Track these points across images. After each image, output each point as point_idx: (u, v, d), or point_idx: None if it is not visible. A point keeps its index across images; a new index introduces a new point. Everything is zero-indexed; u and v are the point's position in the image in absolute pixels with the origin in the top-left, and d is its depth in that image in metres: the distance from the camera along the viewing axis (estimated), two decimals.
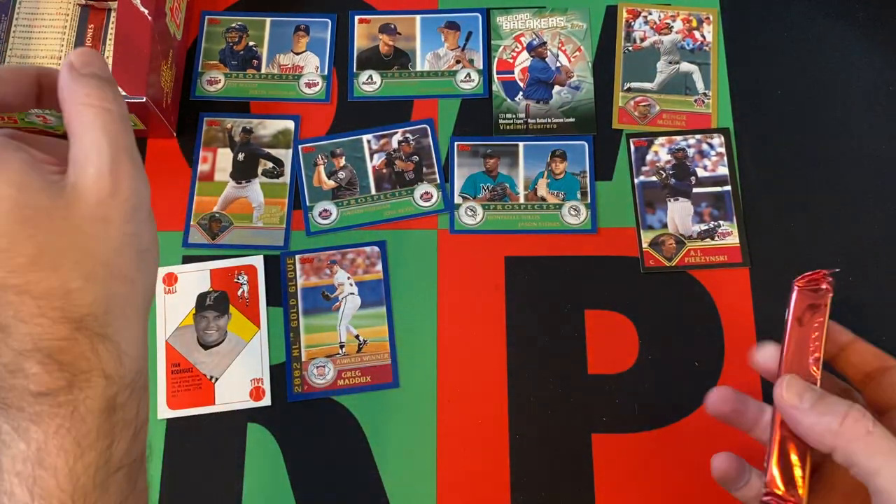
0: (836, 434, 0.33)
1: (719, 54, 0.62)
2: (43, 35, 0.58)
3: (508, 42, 0.63)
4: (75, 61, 0.33)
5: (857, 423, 0.32)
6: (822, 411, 0.33)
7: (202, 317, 0.55)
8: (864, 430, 0.32)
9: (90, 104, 0.32)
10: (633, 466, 0.52)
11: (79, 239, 0.30)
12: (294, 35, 0.63)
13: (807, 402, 0.34)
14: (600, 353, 0.55)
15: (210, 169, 0.59)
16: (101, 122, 0.32)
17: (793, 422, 0.34)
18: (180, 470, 0.52)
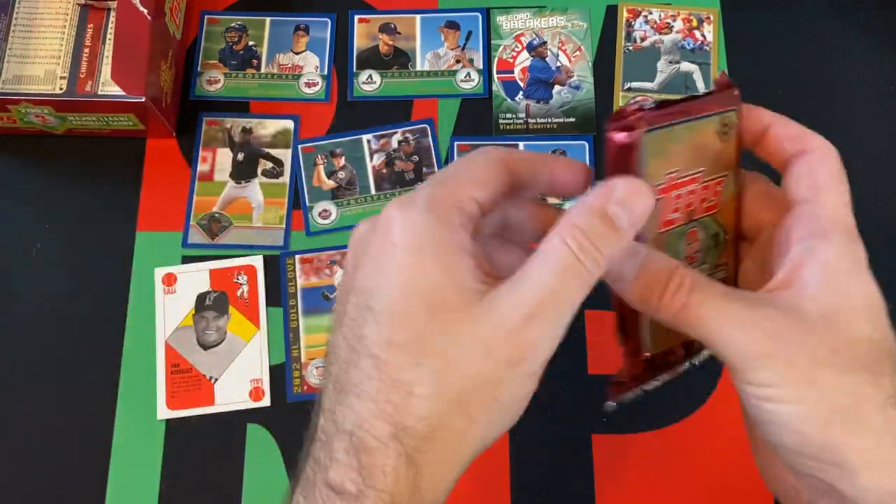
0: (656, 311, 0.30)
1: (720, 54, 0.62)
2: (42, 34, 0.58)
3: (508, 42, 0.63)
4: (619, 209, 0.29)
5: (675, 297, 0.30)
6: (639, 290, 0.30)
7: (201, 317, 0.55)
8: (680, 304, 0.30)
9: (569, 245, 0.28)
10: (634, 467, 0.52)
11: (457, 354, 0.28)
12: (294, 35, 0.63)
13: (628, 276, 0.31)
14: (600, 353, 0.54)
15: (209, 169, 0.59)
16: (561, 267, 0.28)
17: (620, 293, 0.32)
18: (180, 471, 0.52)
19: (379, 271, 0.29)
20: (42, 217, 0.58)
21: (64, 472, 0.52)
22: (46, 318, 0.55)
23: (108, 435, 0.53)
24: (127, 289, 0.56)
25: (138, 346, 0.55)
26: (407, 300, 0.28)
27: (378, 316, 0.28)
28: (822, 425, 0.29)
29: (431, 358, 0.28)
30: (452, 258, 0.28)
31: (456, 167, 0.31)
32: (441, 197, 0.30)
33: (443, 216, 0.29)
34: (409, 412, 0.27)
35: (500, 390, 0.28)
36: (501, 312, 0.28)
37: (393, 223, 0.29)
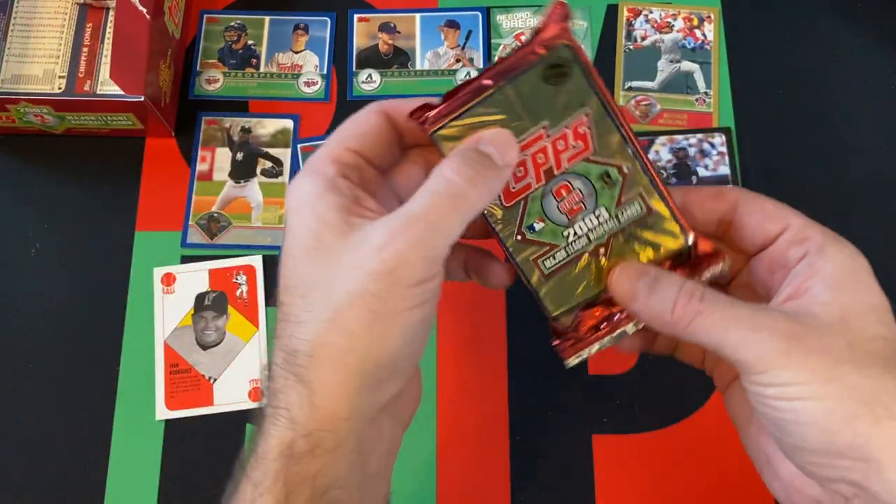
0: (671, 325, 0.32)
1: (720, 53, 0.62)
2: (41, 34, 0.58)
3: (509, 41, 0.62)
4: (491, 147, 0.33)
5: (687, 307, 0.31)
6: (652, 303, 0.32)
7: (200, 317, 0.55)
8: (694, 312, 0.31)
9: (447, 176, 0.32)
10: (634, 468, 0.52)
11: (326, 278, 0.31)
12: (293, 34, 0.63)
13: (641, 296, 0.33)
14: (601, 353, 0.54)
15: (209, 168, 0.59)
16: (431, 190, 0.31)
17: (633, 313, 0.34)
18: (179, 471, 0.52)
19: (286, 231, 0.33)
20: (41, 217, 0.58)
21: (63, 473, 0.52)
22: (45, 317, 0.55)
23: (107, 435, 0.53)
24: (126, 288, 0.56)
25: (137, 346, 0.55)
26: (292, 250, 0.32)
27: (280, 271, 0.33)
28: (849, 419, 0.29)
29: (313, 289, 0.31)
30: (323, 204, 0.32)
31: (340, 126, 0.35)
32: (317, 157, 0.34)
33: (316, 172, 0.33)
34: (296, 338, 0.31)
35: (374, 303, 0.30)
36: (372, 234, 0.31)
37: (286, 192, 0.34)
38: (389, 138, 0.36)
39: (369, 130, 0.35)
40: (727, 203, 0.35)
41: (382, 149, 0.35)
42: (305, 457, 0.30)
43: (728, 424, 0.52)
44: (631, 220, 0.34)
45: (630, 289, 0.33)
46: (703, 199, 0.35)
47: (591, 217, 0.34)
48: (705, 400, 0.53)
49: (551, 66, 0.32)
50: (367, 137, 0.35)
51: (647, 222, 0.35)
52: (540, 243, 0.35)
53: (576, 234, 0.35)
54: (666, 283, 0.32)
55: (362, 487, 0.32)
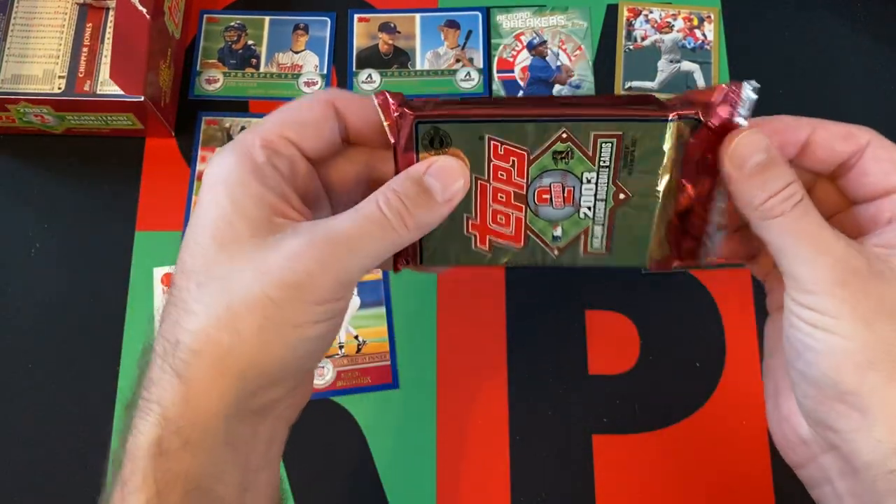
0: (754, 209, 0.31)
1: (720, 53, 0.62)
2: (41, 34, 0.58)
3: (508, 41, 0.62)
4: (435, 181, 0.33)
5: (781, 204, 0.30)
6: (753, 181, 0.31)
7: None
8: (781, 210, 0.30)
9: (381, 206, 0.31)
10: (634, 468, 0.52)
11: (231, 270, 0.29)
12: (293, 34, 0.63)
13: (748, 167, 0.31)
14: (601, 353, 0.54)
15: None
16: (363, 215, 0.31)
17: (727, 180, 0.32)
18: None
19: (194, 206, 0.31)
20: (41, 216, 0.58)
21: (63, 473, 0.52)
22: (45, 317, 0.55)
23: (107, 435, 0.53)
24: (126, 288, 0.56)
25: (137, 346, 0.54)
26: (199, 230, 0.30)
27: (182, 245, 0.31)
28: (862, 366, 0.29)
29: (212, 280, 0.29)
30: (244, 191, 0.30)
31: (281, 108, 0.33)
32: (249, 137, 0.31)
33: (244, 154, 0.31)
34: (183, 328, 0.29)
35: (271, 311, 0.29)
36: (288, 241, 0.29)
37: (208, 163, 0.31)
38: (332, 131, 0.33)
39: (312, 120, 0.33)
40: (856, 145, 0.33)
41: (321, 142, 0.33)
42: (176, 453, 0.29)
43: (728, 424, 0.53)
44: (614, 155, 0.34)
45: (745, 157, 0.31)
46: (831, 140, 0.33)
47: (585, 186, 0.34)
48: (705, 400, 0.53)
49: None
50: (308, 128, 0.33)
51: (629, 146, 0.33)
52: (574, 240, 0.35)
53: (589, 208, 0.34)
54: (777, 172, 0.31)
55: (244, 483, 0.31)
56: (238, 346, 0.29)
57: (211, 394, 0.29)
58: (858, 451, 0.29)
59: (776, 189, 0.31)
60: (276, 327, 0.29)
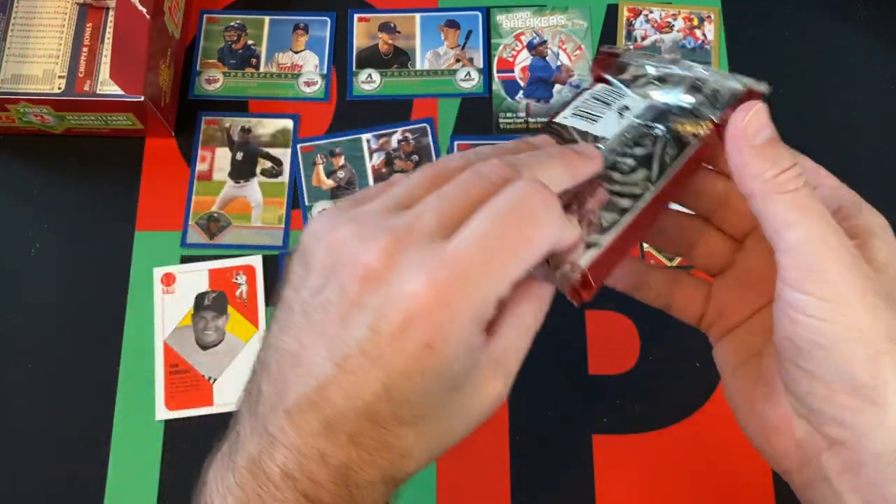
0: (765, 181, 0.30)
1: (720, 53, 0.62)
2: (41, 34, 0.58)
3: (509, 41, 0.62)
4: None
5: (791, 180, 0.30)
6: (765, 155, 0.31)
7: (200, 317, 0.55)
8: (794, 186, 0.30)
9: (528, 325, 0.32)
10: (635, 468, 0.52)
11: (451, 424, 0.30)
12: (293, 33, 0.63)
13: (759, 139, 0.31)
14: (601, 353, 0.54)
15: (208, 168, 0.59)
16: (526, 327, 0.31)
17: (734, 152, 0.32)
18: (178, 472, 0.52)
19: (406, 364, 0.27)
20: (41, 216, 0.58)
21: (63, 473, 0.52)
22: (45, 317, 0.55)
23: (106, 435, 0.53)
24: (125, 288, 0.56)
25: (137, 346, 0.54)
26: (426, 396, 0.28)
27: (392, 399, 0.27)
28: (873, 355, 0.29)
29: (431, 433, 0.29)
30: (471, 360, 0.28)
31: (519, 235, 0.28)
32: (490, 295, 0.28)
33: (481, 321, 0.28)
34: (402, 470, 0.30)
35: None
36: (489, 387, 0.30)
37: (433, 327, 0.26)
38: None
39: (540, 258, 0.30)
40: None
41: None
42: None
43: (728, 424, 0.52)
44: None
45: (759, 127, 0.31)
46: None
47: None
48: (705, 400, 0.53)
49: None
50: (530, 267, 0.30)
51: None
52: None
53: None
54: (785, 150, 0.31)
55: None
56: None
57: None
58: (870, 441, 0.29)
59: (787, 165, 0.31)
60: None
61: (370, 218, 0.28)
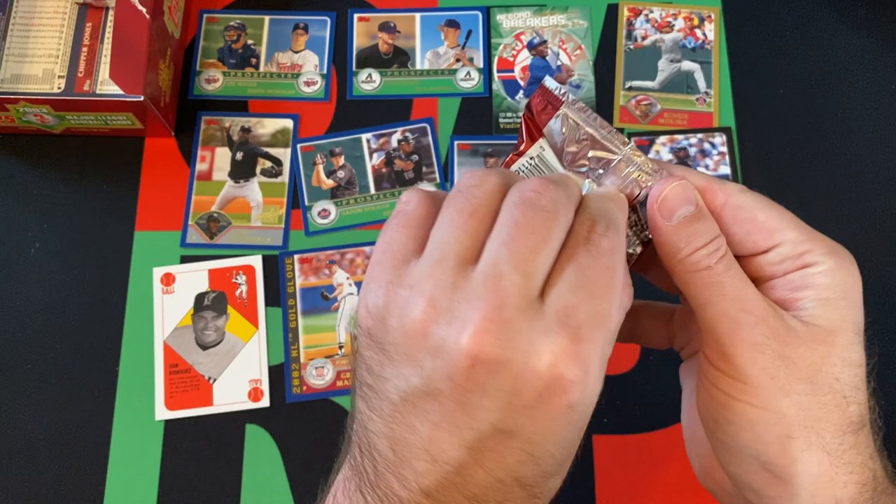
0: (679, 261, 0.30)
1: (721, 53, 0.62)
2: (40, 34, 0.58)
3: (509, 40, 0.62)
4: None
5: (704, 258, 0.30)
6: (682, 232, 0.30)
7: (200, 317, 0.55)
8: (706, 264, 0.30)
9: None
10: (635, 468, 0.52)
11: (578, 437, 0.29)
12: (293, 33, 0.63)
13: (675, 218, 0.30)
14: None
15: (208, 168, 0.59)
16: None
17: (652, 231, 0.31)
18: (178, 472, 0.52)
19: (548, 425, 0.27)
20: (40, 216, 0.58)
21: (62, 473, 0.52)
22: (44, 317, 0.55)
23: (106, 435, 0.53)
24: (125, 288, 0.56)
25: (136, 346, 0.54)
26: (569, 444, 0.28)
27: (539, 461, 0.27)
28: (784, 438, 0.29)
29: (569, 460, 0.29)
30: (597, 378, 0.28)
31: (611, 276, 0.28)
32: (609, 344, 0.28)
33: (604, 366, 0.28)
34: (552, 491, 0.29)
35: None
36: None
37: (573, 388, 0.26)
38: None
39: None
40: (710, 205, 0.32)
41: None
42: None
43: None
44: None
45: (674, 207, 0.30)
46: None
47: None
48: None
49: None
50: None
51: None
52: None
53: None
54: (707, 225, 0.30)
55: None
56: None
57: None
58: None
59: (702, 242, 0.30)
60: None
61: (436, 287, 0.26)
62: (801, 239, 0.31)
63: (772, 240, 0.31)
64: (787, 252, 0.31)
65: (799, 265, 0.31)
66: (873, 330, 0.33)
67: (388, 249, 0.28)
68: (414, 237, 0.28)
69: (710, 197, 0.31)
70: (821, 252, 0.31)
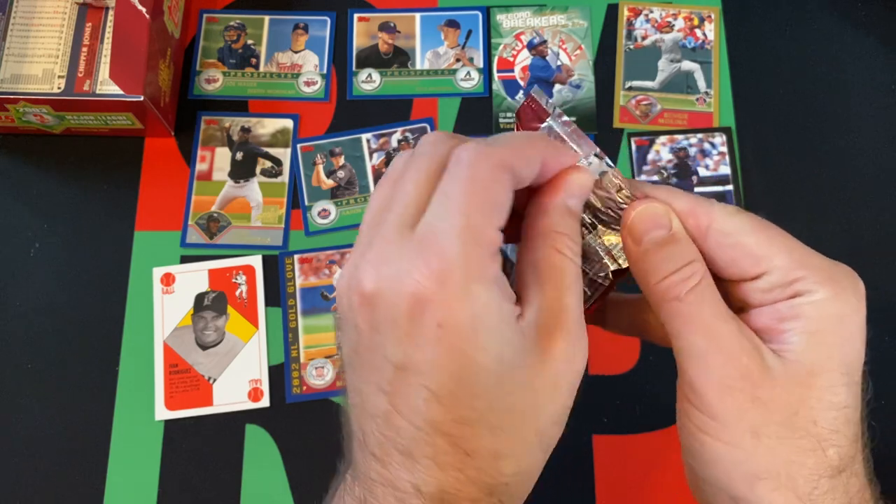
0: (650, 289, 0.29)
1: (721, 53, 0.62)
2: (40, 33, 0.58)
3: (509, 40, 0.62)
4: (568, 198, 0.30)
5: (674, 286, 0.28)
6: (652, 258, 0.29)
7: (200, 317, 0.55)
8: (676, 294, 0.28)
9: (565, 254, 0.28)
10: (635, 468, 0.52)
11: (528, 403, 0.27)
12: (293, 33, 0.63)
13: (644, 244, 0.29)
14: (601, 353, 0.54)
15: (208, 168, 0.59)
16: (568, 282, 0.28)
17: (626, 251, 0.30)
18: (178, 472, 0.52)
19: (431, 351, 0.26)
20: (40, 216, 0.58)
21: (62, 473, 0.52)
22: (44, 317, 0.55)
23: (106, 435, 0.53)
24: (125, 288, 0.56)
25: (136, 346, 0.54)
26: (471, 381, 0.26)
27: (442, 399, 0.26)
28: (752, 477, 0.28)
29: (508, 418, 0.27)
30: (507, 324, 0.27)
31: (471, 188, 0.27)
32: (473, 253, 0.26)
33: (488, 279, 0.26)
34: (501, 473, 0.27)
35: (565, 414, 0.29)
36: (553, 350, 0.28)
37: (432, 304, 0.26)
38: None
39: (506, 201, 0.28)
40: (695, 229, 0.30)
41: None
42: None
43: None
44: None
45: (643, 230, 0.29)
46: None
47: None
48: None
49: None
50: (505, 209, 0.28)
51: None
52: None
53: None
54: (679, 249, 0.29)
55: None
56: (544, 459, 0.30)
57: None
58: None
59: (671, 269, 0.29)
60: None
61: (365, 237, 0.29)
62: (793, 266, 0.29)
63: (759, 267, 0.29)
64: (776, 280, 0.29)
65: (789, 294, 0.29)
66: (871, 329, 0.32)
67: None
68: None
69: (694, 221, 0.30)
70: (815, 280, 0.29)
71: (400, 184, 0.28)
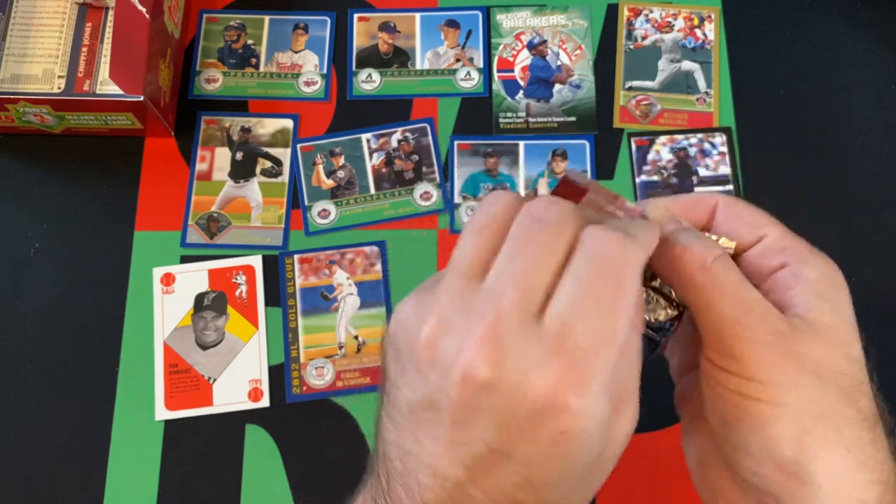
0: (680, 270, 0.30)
1: (721, 53, 0.62)
2: (40, 34, 0.58)
3: (509, 40, 0.62)
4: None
5: (703, 253, 0.30)
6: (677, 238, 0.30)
7: (200, 317, 0.55)
8: (702, 263, 0.29)
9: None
10: (635, 467, 0.52)
11: (597, 474, 0.28)
12: (293, 33, 0.63)
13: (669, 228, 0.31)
14: None
15: (208, 168, 0.59)
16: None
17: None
18: (178, 472, 0.52)
19: (545, 451, 0.26)
20: (40, 216, 0.58)
21: (62, 473, 0.52)
22: (45, 317, 0.55)
23: (106, 435, 0.53)
24: (125, 289, 0.56)
25: (136, 346, 0.54)
26: (571, 473, 0.27)
27: (537, 487, 0.26)
28: (799, 434, 0.28)
29: (577, 489, 0.28)
30: (606, 424, 0.27)
31: (619, 294, 0.26)
32: (612, 365, 0.26)
33: (609, 390, 0.26)
34: None
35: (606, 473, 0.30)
36: (620, 425, 0.28)
37: (565, 414, 0.25)
38: None
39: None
40: (704, 211, 0.33)
41: None
42: None
43: None
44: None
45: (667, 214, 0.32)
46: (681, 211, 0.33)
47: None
48: None
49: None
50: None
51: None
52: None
53: None
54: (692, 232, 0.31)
55: None
56: None
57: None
58: None
59: (696, 240, 0.30)
60: None
61: (448, 300, 0.26)
62: (784, 235, 0.32)
63: (757, 232, 0.32)
64: (769, 244, 0.31)
65: (780, 261, 0.31)
66: (871, 329, 0.32)
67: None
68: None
69: (702, 205, 0.33)
70: (805, 249, 0.31)
71: (518, 254, 0.26)
